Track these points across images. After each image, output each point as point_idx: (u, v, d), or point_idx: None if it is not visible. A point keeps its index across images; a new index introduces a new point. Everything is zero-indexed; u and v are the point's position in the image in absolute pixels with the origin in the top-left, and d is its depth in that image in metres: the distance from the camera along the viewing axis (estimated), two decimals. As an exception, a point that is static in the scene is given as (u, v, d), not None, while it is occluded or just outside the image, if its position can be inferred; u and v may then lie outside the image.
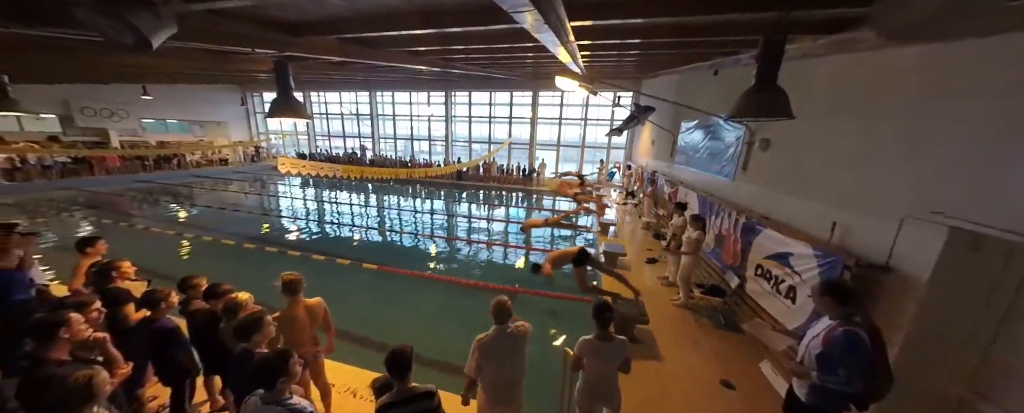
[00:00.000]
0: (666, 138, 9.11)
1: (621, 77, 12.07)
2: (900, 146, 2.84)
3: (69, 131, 14.34)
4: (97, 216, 9.46)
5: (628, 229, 8.46)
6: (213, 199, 12.17)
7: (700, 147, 7.05)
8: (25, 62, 4.44)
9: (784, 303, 3.58)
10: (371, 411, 1.86)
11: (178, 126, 18.13)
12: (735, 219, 4.69)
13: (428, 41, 4.33)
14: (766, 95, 2.33)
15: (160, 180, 14.50)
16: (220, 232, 8.21)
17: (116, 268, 2.83)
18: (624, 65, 8.91)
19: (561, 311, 5.20)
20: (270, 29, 2.94)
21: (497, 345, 2.13)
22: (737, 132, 5.45)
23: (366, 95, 18.61)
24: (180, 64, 5.47)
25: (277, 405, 1.52)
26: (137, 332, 2.44)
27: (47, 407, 1.42)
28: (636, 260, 6.29)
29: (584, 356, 2.20)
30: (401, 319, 4.87)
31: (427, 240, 8.58)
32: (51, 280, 4.69)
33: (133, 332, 2.44)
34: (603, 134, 15.11)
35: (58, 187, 12.19)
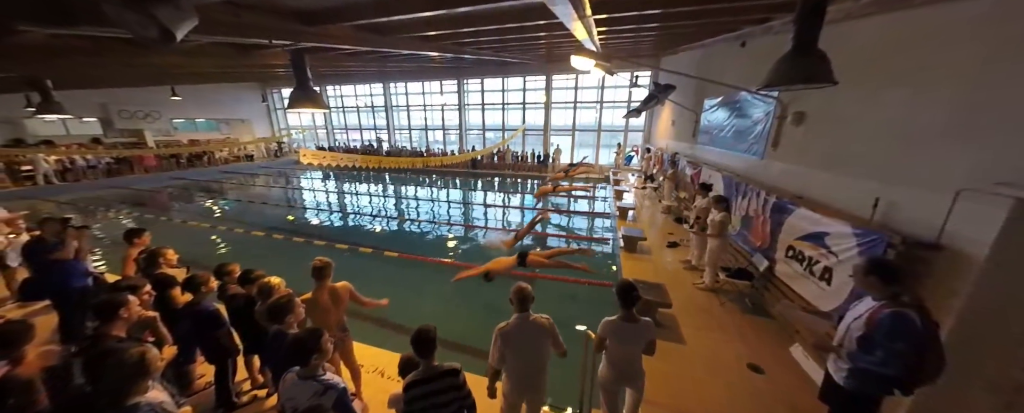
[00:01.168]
0: (688, 118, 8.71)
1: (639, 55, 11.55)
2: (958, 113, 2.57)
3: (109, 133, 15.29)
4: (140, 212, 10.14)
5: (647, 214, 8.25)
6: (242, 193, 12.76)
7: (725, 126, 6.70)
8: (63, 67, 4.73)
9: (818, 285, 3.41)
10: (397, 389, 1.93)
11: (206, 125, 18.93)
12: (764, 199, 4.46)
13: (439, 24, 4.25)
14: (806, 60, 2.14)
15: (193, 177, 15.29)
16: (250, 224, 8.63)
17: (162, 255, 3.02)
18: (642, 41, 8.49)
19: (580, 295, 5.19)
20: (287, 19, 2.96)
21: (519, 333, 2.07)
22: (767, 107, 5.13)
23: (380, 87, 18.72)
24: (205, 63, 5.66)
25: (312, 380, 1.60)
26: (183, 314, 2.62)
27: (107, 378, 1.54)
28: (657, 244, 6.15)
29: (607, 337, 2.16)
30: (423, 304, 4.99)
31: (445, 228, 8.68)
32: (101, 269, 5.09)
33: (179, 314, 2.62)
34: (619, 117, 14.66)
35: (103, 186, 13.09)
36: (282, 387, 1.65)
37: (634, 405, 2.29)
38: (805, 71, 2.15)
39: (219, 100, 18.35)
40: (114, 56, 4.08)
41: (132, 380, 1.53)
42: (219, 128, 19.34)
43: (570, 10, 2.63)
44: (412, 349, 1.75)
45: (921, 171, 2.78)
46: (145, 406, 1.56)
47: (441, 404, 1.72)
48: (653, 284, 4.07)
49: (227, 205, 11.17)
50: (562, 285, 5.45)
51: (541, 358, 2.15)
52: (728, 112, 6.62)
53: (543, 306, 2.28)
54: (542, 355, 2.15)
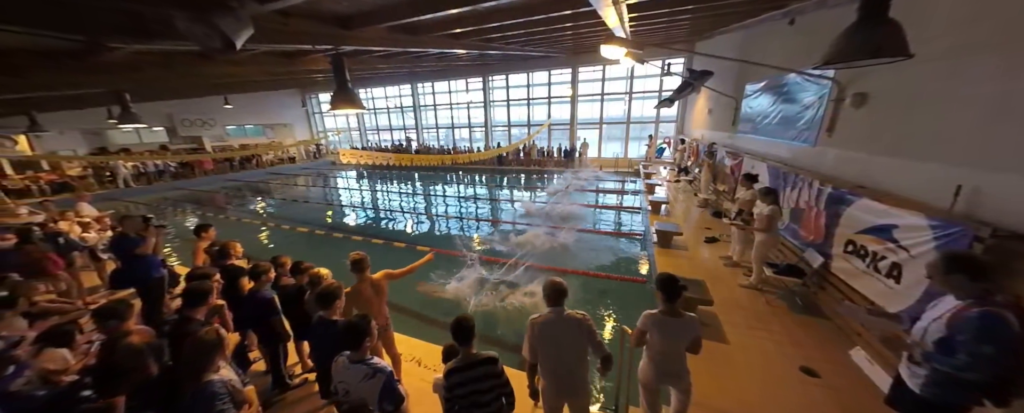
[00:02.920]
0: (726, 105, 8.18)
1: (671, 41, 10.98)
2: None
3: (174, 140, 17.01)
4: (201, 210, 11.22)
5: (681, 208, 7.88)
6: (286, 193, 13.72)
7: (770, 112, 6.22)
8: (139, 81, 5.34)
9: (885, 283, 3.09)
10: (433, 378, 2.01)
11: (254, 130, 20.50)
12: (818, 190, 4.10)
13: (467, 21, 4.28)
14: (874, 32, 1.92)
15: (244, 178, 16.66)
16: (294, 221, 9.27)
17: (231, 248, 3.34)
18: (675, 26, 8.05)
19: (610, 290, 5.08)
20: (328, 24, 3.12)
21: (551, 328, 1.97)
22: (820, 90, 4.69)
23: (408, 88, 19.29)
24: (254, 71, 6.14)
25: (362, 364, 1.70)
26: (244, 301, 2.87)
27: (188, 354, 1.74)
28: (693, 239, 5.86)
29: (648, 331, 2.07)
30: (459, 298, 5.10)
31: (473, 223, 8.82)
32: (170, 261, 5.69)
33: (242, 301, 2.87)
34: (649, 107, 14.08)
35: (170, 188, 14.61)
36: (334, 370, 1.76)
37: (681, 408, 2.17)
38: (874, 44, 1.93)
39: (264, 107, 19.79)
40: (180, 68, 4.53)
41: (208, 359, 1.71)
42: (265, 133, 20.87)
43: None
44: (452, 337, 1.79)
45: (1015, 153, 2.42)
46: (218, 382, 1.74)
47: (481, 391, 1.76)
48: (691, 280, 3.88)
49: (273, 204, 12.07)
50: (594, 280, 5.36)
51: (576, 356, 2.01)
52: (773, 97, 6.13)
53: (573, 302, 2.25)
54: (577, 353, 2.01)
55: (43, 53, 3.30)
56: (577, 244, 6.90)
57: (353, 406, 1.54)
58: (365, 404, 1.57)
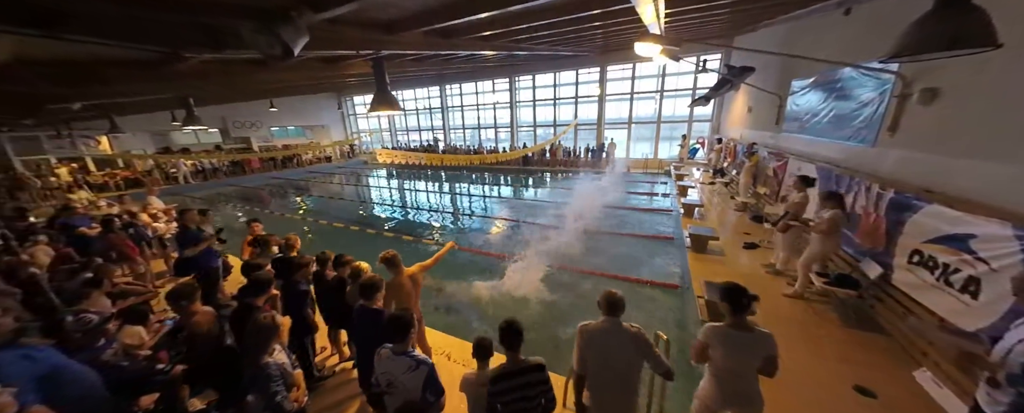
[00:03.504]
0: (769, 103, 7.69)
1: (708, 37, 10.49)
2: None
3: (226, 141, 18.52)
4: (249, 206, 12.13)
5: (717, 211, 7.50)
6: (323, 190, 14.53)
7: (820, 110, 5.77)
8: (203, 87, 5.90)
9: (958, 298, 2.78)
10: (461, 372, 2.03)
11: (295, 131, 21.88)
12: (877, 194, 3.76)
13: (499, 23, 4.33)
14: (955, 20, 1.73)
15: (286, 177, 17.83)
16: (331, 217, 9.80)
17: (267, 239, 3.61)
18: (713, 21, 7.69)
19: (640, 294, 4.94)
20: (371, 30, 3.29)
21: (603, 337, 1.85)
22: (880, 85, 4.30)
23: (437, 89, 19.79)
24: (299, 76, 6.58)
25: (404, 356, 1.77)
26: (284, 292, 3.06)
27: (249, 338, 1.90)
28: (731, 244, 5.57)
29: (711, 346, 1.86)
30: (486, 297, 5.17)
31: (498, 222, 8.87)
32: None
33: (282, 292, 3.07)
34: (680, 106, 13.52)
35: (224, 184, 15.94)
36: (377, 361, 1.85)
37: None
38: (953, 33, 1.74)
39: (304, 109, 21.06)
40: (238, 75, 4.94)
41: (266, 343, 1.86)
42: (305, 134, 22.21)
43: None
44: (500, 340, 1.76)
45: None
46: (273, 365, 1.88)
47: (528, 397, 1.74)
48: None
49: (312, 201, 12.82)
50: (621, 283, 5.24)
51: (627, 372, 1.86)
52: (824, 94, 5.69)
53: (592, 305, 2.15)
54: (629, 369, 1.86)
55: (126, 63, 3.75)
56: (605, 245, 6.78)
57: (402, 406, 1.59)
58: (415, 403, 1.62)
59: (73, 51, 3.12)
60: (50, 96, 4.45)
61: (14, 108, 6.67)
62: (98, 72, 3.77)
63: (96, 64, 3.70)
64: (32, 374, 1.62)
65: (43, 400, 1.56)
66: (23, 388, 1.57)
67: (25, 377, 1.59)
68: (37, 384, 1.61)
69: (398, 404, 1.75)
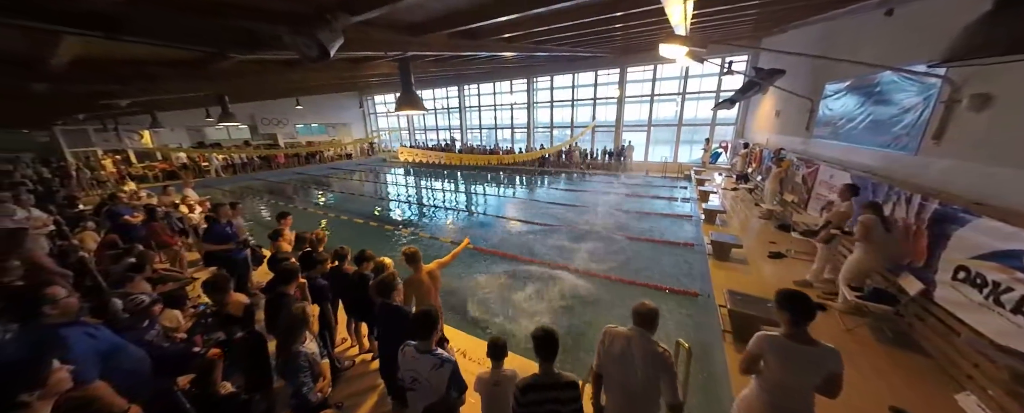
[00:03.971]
0: (800, 107, 7.39)
1: (735, 38, 10.18)
2: None
3: (255, 137, 19.37)
4: (275, 199, 12.63)
5: (740, 218, 7.26)
6: (343, 187, 14.96)
7: (856, 115, 5.50)
8: (238, 85, 6.21)
9: (1010, 319, 2.59)
10: (475, 370, 2.04)
11: (319, 129, 22.64)
12: (919, 205, 3.55)
13: (522, 24, 4.35)
14: (1017, 21, 1.61)
15: (309, 172, 18.46)
16: (350, 212, 10.08)
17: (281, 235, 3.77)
18: (740, 21, 7.45)
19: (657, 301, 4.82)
20: (400, 32, 3.38)
21: (625, 346, 1.76)
22: (925, 90, 4.06)
23: (455, 89, 20.04)
24: (326, 76, 6.81)
25: (429, 354, 1.81)
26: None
27: (282, 327, 1.99)
28: (755, 253, 5.38)
29: (764, 356, 1.71)
30: (498, 296, 5.20)
31: (513, 223, 8.88)
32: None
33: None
34: (704, 109, 13.16)
35: (252, 178, 16.67)
36: (402, 359, 1.89)
37: None
38: (1017, 36, 1.62)
39: (328, 108, 21.77)
40: (271, 74, 5.18)
41: (298, 330, 1.94)
42: (327, 131, 22.95)
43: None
44: (535, 349, 1.70)
45: None
46: (303, 355, 1.96)
47: (559, 412, 1.70)
48: (755, 298, 3.58)
49: (332, 196, 13.22)
50: (638, 289, 5.15)
51: (645, 385, 1.75)
52: (861, 98, 5.42)
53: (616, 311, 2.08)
54: (648, 383, 1.75)
55: (172, 63, 4.00)
56: (621, 249, 6.68)
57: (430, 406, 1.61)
58: (443, 401, 1.64)
59: (126, 51, 3.36)
60: (104, 93, 4.81)
61: (72, 104, 7.22)
62: (147, 71, 4.04)
63: (146, 63, 3.97)
64: (94, 350, 1.75)
65: (101, 375, 1.68)
66: (88, 363, 1.69)
67: (90, 353, 1.72)
68: (98, 360, 1.74)
69: (422, 400, 1.79)
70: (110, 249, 4.42)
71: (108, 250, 4.38)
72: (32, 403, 1.21)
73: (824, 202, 5.48)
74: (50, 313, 1.70)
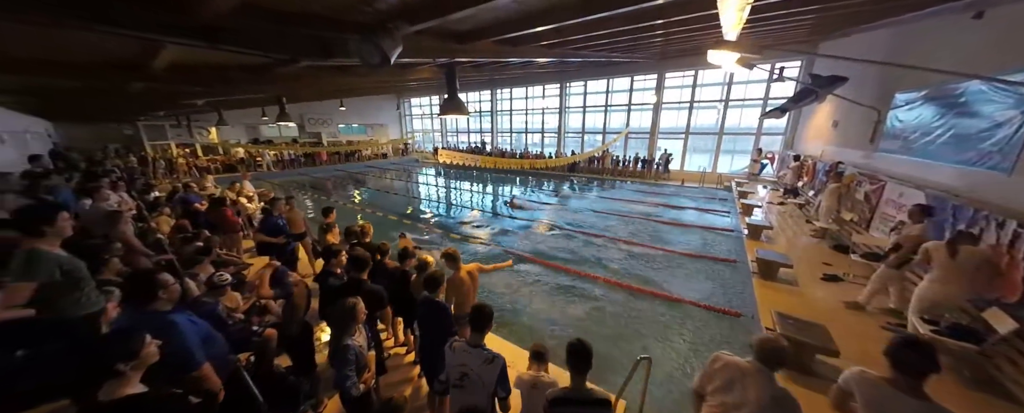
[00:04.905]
0: (863, 118, 6.80)
1: (787, 43, 9.58)
2: None
3: (302, 135, 20.82)
4: (317, 194, 13.48)
5: (788, 235, 6.76)
6: (379, 184, 15.67)
7: (934, 128, 4.97)
8: (296, 88, 6.76)
9: None
10: (524, 372, 2.04)
11: (359, 129, 23.92)
12: (1013, 232, 3.13)
13: (568, 31, 4.37)
14: None
15: (349, 169, 19.55)
16: (385, 209, 10.53)
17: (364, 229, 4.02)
18: (796, 25, 6.99)
19: (694, 318, 4.62)
20: (448, 40, 3.52)
21: (745, 379, 1.57)
22: (1022, 103, 3.60)
23: (487, 93, 20.43)
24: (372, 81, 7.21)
25: (480, 348, 1.86)
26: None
27: (335, 319, 2.11)
28: (806, 274, 4.97)
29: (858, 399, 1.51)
30: (529, 304, 5.20)
31: (545, 228, 8.83)
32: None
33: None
34: (749, 117, 12.44)
35: (299, 173, 17.93)
36: (450, 353, 1.94)
37: None
38: None
39: (367, 109, 22.96)
40: (324, 79, 5.57)
41: (349, 324, 2.06)
42: (366, 131, 24.19)
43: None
44: (568, 361, 1.68)
45: None
46: (352, 349, 2.06)
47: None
48: (807, 322, 3.31)
49: (367, 192, 13.89)
50: (674, 305, 4.95)
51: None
52: (940, 110, 4.90)
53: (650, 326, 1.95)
54: None
55: (246, 68, 4.44)
56: (656, 262, 6.45)
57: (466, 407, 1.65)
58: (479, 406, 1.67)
59: (210, 58, 3.79)
60: (188, 93, 5.43)
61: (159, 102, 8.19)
62: (225, 75, 4.51)
63: (225, 68, 4.44)
64: (198, 335, 1.91)
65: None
66: (197, 347, 1.84)
67: (196, 338, 1.87)
68: (202, 344, 1.90)
69: (470, 396, 1.83)
70: (180, 233, 4.92)
71: (178, 234, 4.88)
72: (126, 372, 1.37)
73: (892, 222, 4.98)
74: (163, 298, 1.85)
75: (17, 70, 3.67)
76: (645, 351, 4.00)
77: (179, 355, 1.77)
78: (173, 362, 1.72)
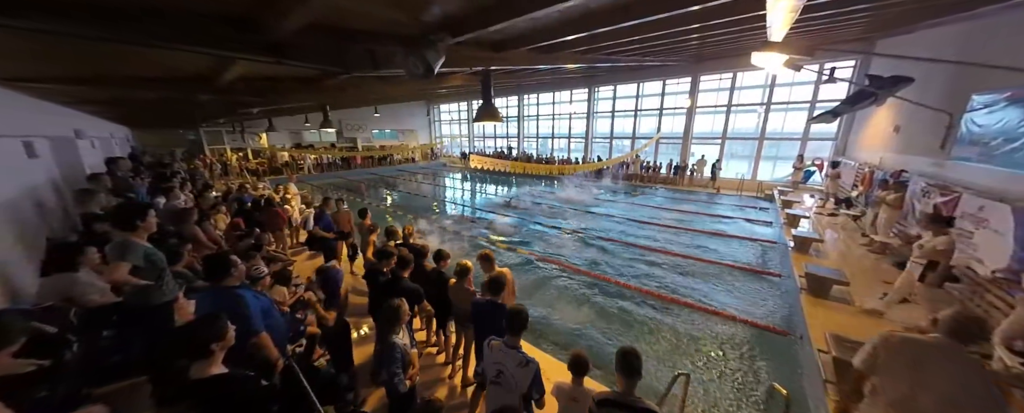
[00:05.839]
0: (932, 122, 6.15)
1: (838, 41, 8.91)
2: None
3: (339, 141, 22.09)
4: (352, 195, 14.19)
5: (840, 249, 6.23)
6: (409, 187, 16.24)
7: (1020, 133, 4.41)
8: (339, 97, 7.23)
9: None
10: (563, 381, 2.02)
11: (391, 134, 25.00)
12: None
13: (602, 37, 4.34)
14: None
15: (381, 173, 20.45)
16: (414, 211, 10.87)
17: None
18: (849, 23, 6.50)
19: (735, 336, 4.35)
20: (484, 49, 3.63)
21: (924, 355, 1.44)
22: None
23: (514, 98, 20.65)
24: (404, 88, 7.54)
25: (517, 350, 1.88)
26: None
27: (382, 318, 2.21)
28: (863, 293, 4.52)
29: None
30: (561, 308, 5.15)
31: (575, 234, 8.73)
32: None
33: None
34: (794, 121, 11.66)
35: (336, 176, 19.03)
36: (488, 352, 1.98)
37: None
38: None
39: (399, 115, 23.98)
40: (366, 88, 5.91)
41: (395, 322, 2.15)
42: (398, 136, 25.23)
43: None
44: (617, 366, 1.67)
45: None
46: (398, 347, 2.15)
47: None
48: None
49: (398, 195, 14.42)
50: (711, 318, 4.70)
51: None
52: (1029, 112, 4.33)
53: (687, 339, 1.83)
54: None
55: (299, 79, 4.83)
56: (693, 272, 6.17)
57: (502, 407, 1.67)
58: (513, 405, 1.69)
59: (270, 71, 4.15)
60: (247, 102, 5.98)
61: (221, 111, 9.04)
62: (281, 86, 4.93)
63: (281, 80, 4.84)
64: (259, 308, 2.21)
65: (263, 328, 2.14)
66: (258, 317, 2.13)
67: (258, 310, 2.18)
68: (262, 315, 2.19)
69: (505, 395, 1.85)
70: (235, 230, 5.36)
71: (233, 231, 5.31)
72: (215, 351, 1.54)
73: (968, 238, 4.45)
74: (234, 275, 2.19)
75: (108, 84, 4.23)
76: (682, 366, 3.83)
77: (244, 321, 2.03)
78: (239, 328, 1.95)
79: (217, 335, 1.54)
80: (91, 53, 2.95)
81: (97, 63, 3.41)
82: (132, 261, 2.29)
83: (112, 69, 3.73)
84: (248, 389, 1.58)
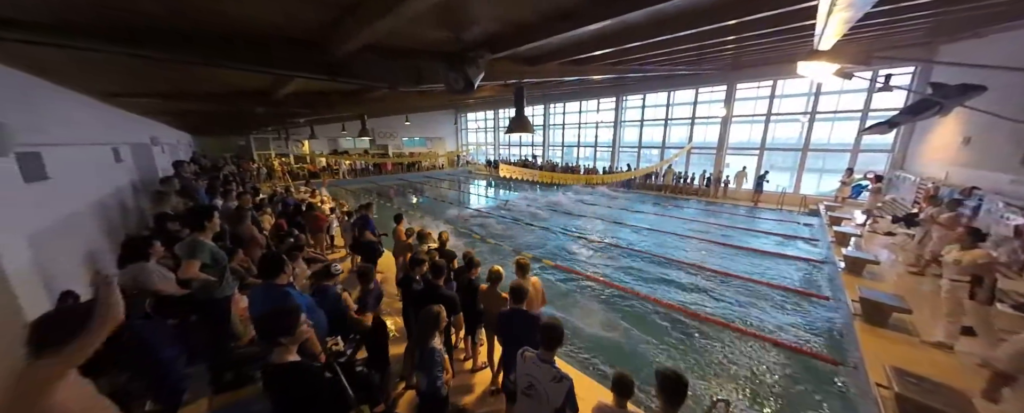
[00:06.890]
0: (1008, 134, 5.56)
1: (895, 49, 8.29)
2: None
3: (372, 147, 23.19)
4: (382, 199, 14.78)
5: (898, 272, 5.68)
6: (435, 193, 16.69)
7: (1125, 148, 3.86)
8: (376, 108, 7.67)
9: None
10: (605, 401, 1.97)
11: (420, 142, 25.93)
12: None
13: (634, 51, 4.32)
14: None
15: (409, 178, 21.24)
16: (438, 216, 11.13)
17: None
18: (910, 27, 6.03)
19: (784, 365, 4.05)
20: (519, 63, 3.74)
21: None
22: None
23: (541, 107, 20.81)
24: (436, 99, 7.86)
25: (550, 364, 1.88)
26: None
27: (421, 323, 2.29)
28: (927, 323, 4.09)
29: None
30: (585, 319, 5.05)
31: (603, 246, 8.57)
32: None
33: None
34: (842, 131, 10.86)
35: (369, 181, 19.99)
36: (521, 363, 1.99)
37: None
38: None
39: (428, 123, 24.87)
40: (404, 99, 6.24)
41: (433, 328, 2.22)
42: (426, 144, 26.11)
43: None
44: (659, 390, 1.64)
45: None
46: (438, 351, 2.21)
47: None
48: (937, 384, 2.73)
49: (425, 201, 14.85)
50: (755, 343, 4.42)
51: None
52: None
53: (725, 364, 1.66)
54: None
55: (343, 93, 5.21)
56: (731, 292, 5.84)
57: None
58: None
59: (319, 85, 4.52)
60: (296, 113, 6.52)
61: (272, 120, 9.86)
62: (327, 99, 5.32)
63: (328, 94, 5.24)
64: (305, 304, 2.37)
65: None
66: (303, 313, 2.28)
67: (304, 306, 2.30)
68: (308, 311, 2.30)
69: (535, 408, 1.85)
70: (278, 231, 5.73)
71: (277, 231, 5.69)
72: (287, 345, 1.69)
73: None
74: (285, 274, 2.37)
75: (185, 98, 4.77)
76: (720, 390, 3.62)
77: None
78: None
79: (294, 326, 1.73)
80: (175, 72, 3.36)
81: (179, 81, 3.87)
82: (201, 258, 2.54)
83: (190, 86, 4.21)
84: (315, 378, 1.72)
